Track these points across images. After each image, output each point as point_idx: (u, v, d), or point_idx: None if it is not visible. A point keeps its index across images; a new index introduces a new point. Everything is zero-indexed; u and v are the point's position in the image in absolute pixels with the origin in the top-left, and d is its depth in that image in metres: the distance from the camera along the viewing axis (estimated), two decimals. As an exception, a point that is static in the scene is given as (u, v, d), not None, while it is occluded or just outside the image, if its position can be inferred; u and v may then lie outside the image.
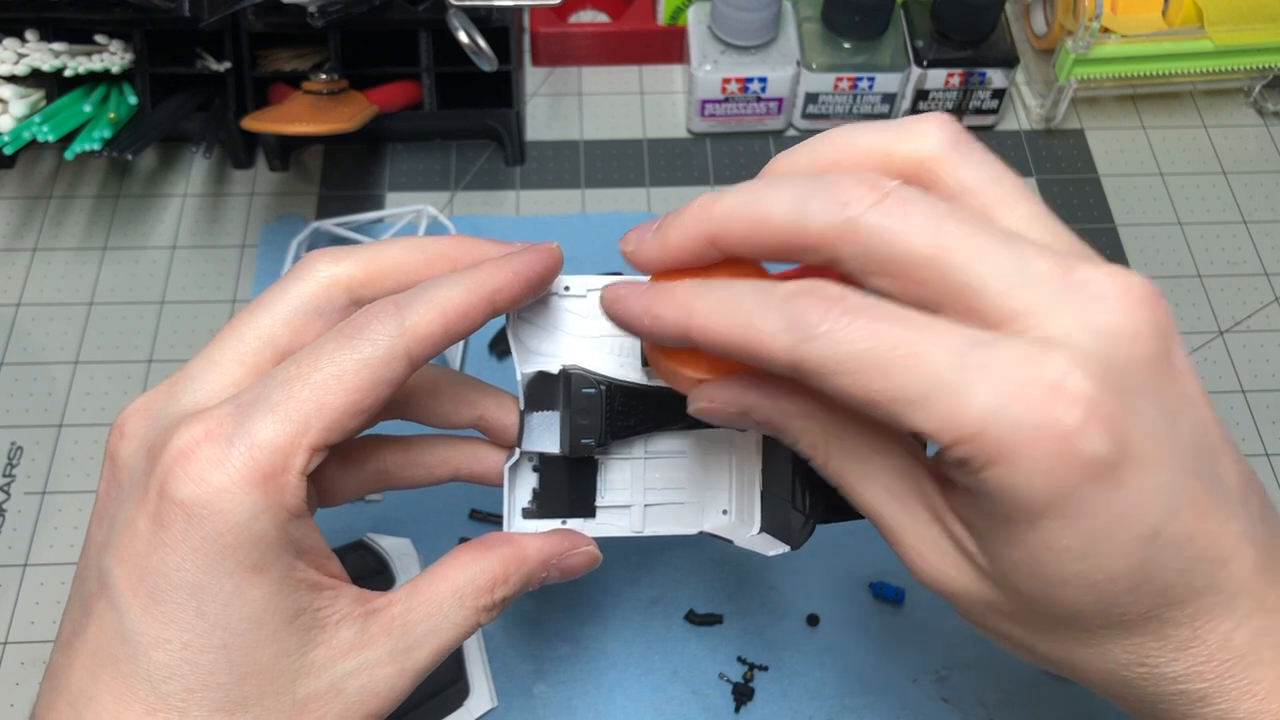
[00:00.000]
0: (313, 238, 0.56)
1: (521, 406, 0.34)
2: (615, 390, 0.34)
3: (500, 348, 0.54)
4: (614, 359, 0.35)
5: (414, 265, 0.32)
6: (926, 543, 0.28)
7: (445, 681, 0.45)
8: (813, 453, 0.29)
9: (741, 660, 0.47)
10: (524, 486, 0.36)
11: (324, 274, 0.31)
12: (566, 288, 0.35)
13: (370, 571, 0.48)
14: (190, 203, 0.60)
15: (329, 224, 0.55)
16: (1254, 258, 0.59)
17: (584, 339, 0.35)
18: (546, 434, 0.35)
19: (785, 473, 0.34)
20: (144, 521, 0.27)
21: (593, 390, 0.34)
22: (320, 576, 0.30)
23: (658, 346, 0.30)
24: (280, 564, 0.28)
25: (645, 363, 0.34)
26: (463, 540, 0.49)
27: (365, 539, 0.49)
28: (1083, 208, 0.61)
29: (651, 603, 0.48)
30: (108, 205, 0.59)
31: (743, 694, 0.46)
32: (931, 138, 0.28)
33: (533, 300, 0.34)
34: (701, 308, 0.27)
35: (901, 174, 0.27)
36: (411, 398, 0.35)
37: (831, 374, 0.25)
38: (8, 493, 0.50)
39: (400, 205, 0.59)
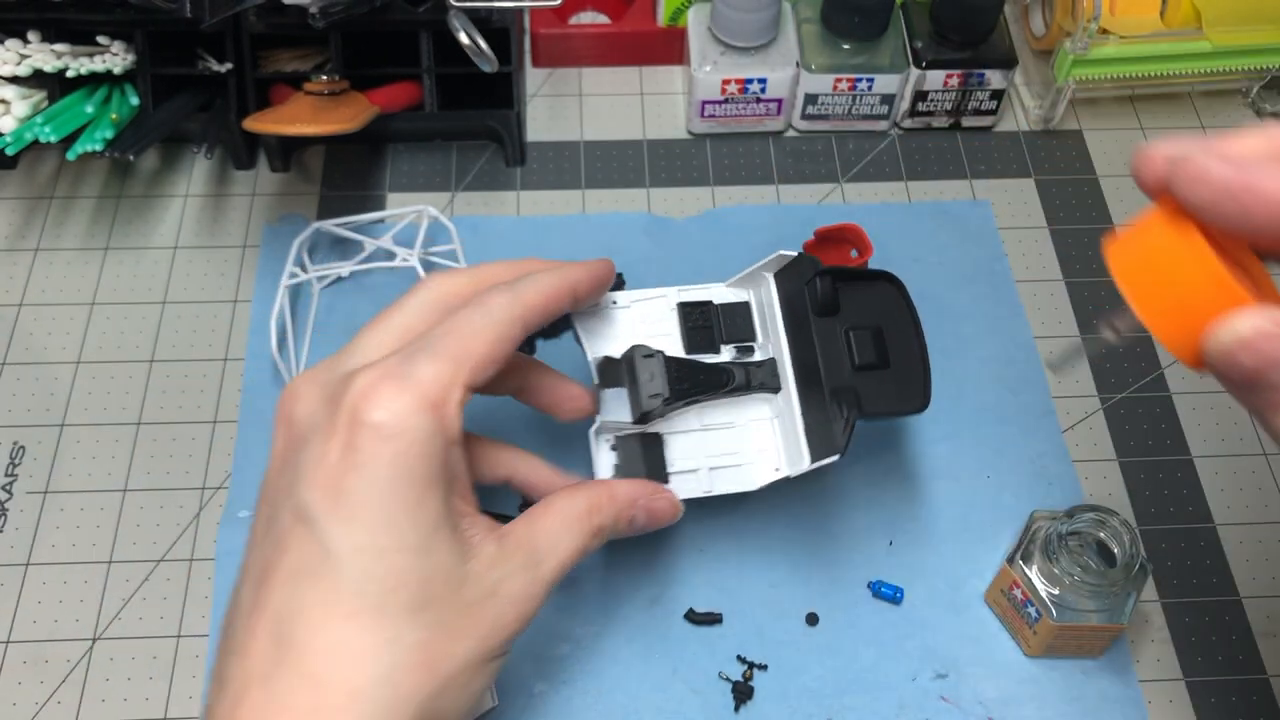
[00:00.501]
0: (314, 238, 0.57)
1: (596, 382, 0.43)
2: (670, 359, 0.43)
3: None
4: (660, 344, 0.43)
5: (510, 273, 0.38)
6: None
7: (446, 680, 0.45)
8: None
9: (741, 659, 0.47)
10: (605, 463, 0.43)
11: (445, 281, 0.38)
12: (614, 301, 0.44)
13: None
14: (192, 203, 0.60)
15: (330, 224, 0.55)
16: (1252, 258, 0.60)
17: (631, 336, 0.44)
18: (618, 405, 0.43)
19: (821, 402, 0.42)
20: (336, 450, 0.33)
21: (653, 355, 0.42)
22: (465, 504, 0.36)
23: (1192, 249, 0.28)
24: (444, 483, 0.34)
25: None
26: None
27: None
28: (1081, 208, 0.61)
29: (651, 602, 0.48)
30: (110, 206, 0.60)
31: (742, 693, 0.46)
32: None
33: (593, 304, 0.43)
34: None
35: None
36: None
37: None
38: (10, 492, 0.51)
39: (401, 206, 0.60)
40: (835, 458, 0.41)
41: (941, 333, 0.56)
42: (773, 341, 0.45)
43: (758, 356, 0.45)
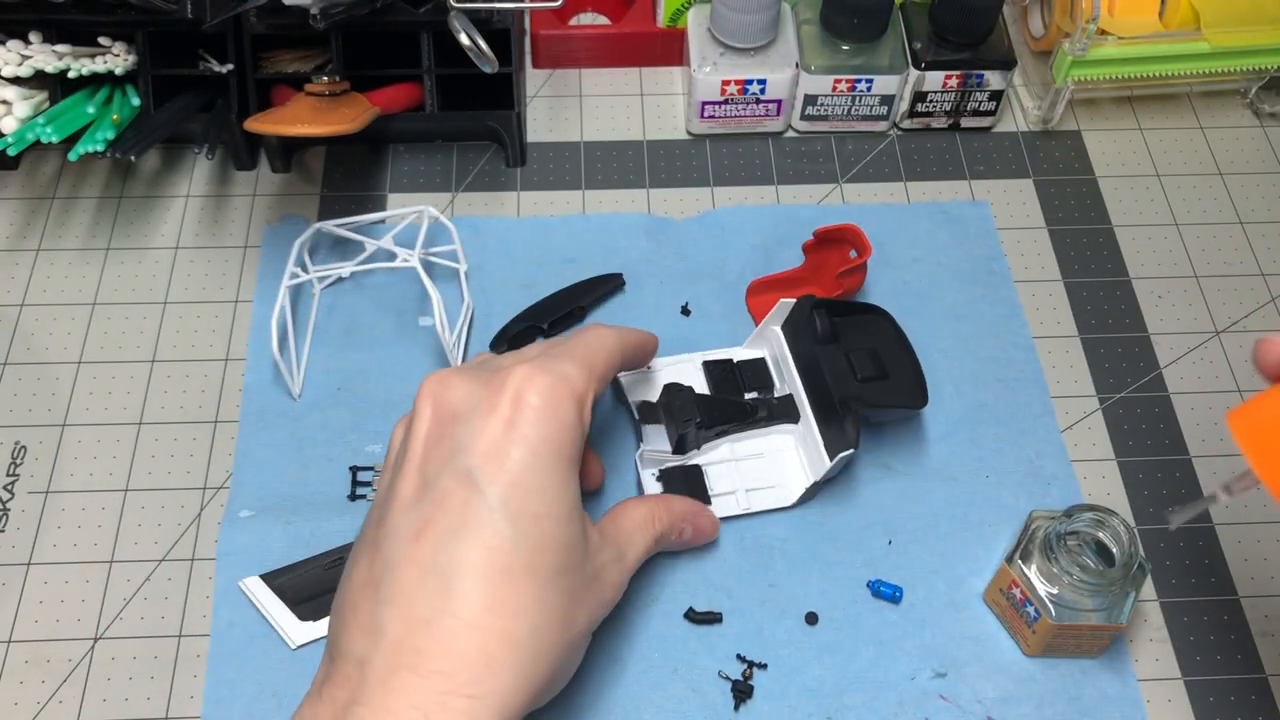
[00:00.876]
0: (315, 238, 0.57)
1: (636, 417, 0.51)
2: (699, 394, 0.50)
3: (500, 348, 0.54)
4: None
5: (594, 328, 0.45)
6: None
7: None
8: None
9: (740, 658, 0.47)
10: (653, 490, 0.49)
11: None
12: (649, 367, 0.52)
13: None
14: (193, 204, 0.60)
15: (331, 225, 0.56)
16: (1250, 258, 0.60)
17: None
18: (658, 437, 0.50)
19: (832, 410, 0.48)
20: (498, 425, 0.38)
21: (684, 389, 0.49)
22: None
23: None
24: (577, 469, 0.40)
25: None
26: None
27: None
28: (1080, 209, 0.61)
29: (651, 601, 0.48)
30: (111, 206, 0.60)
31: (742, 692, 0.46)
32: None
33: (641, 368, 0.51)
34: None
35: None
36: None
37: None
38: (12, 492, 0.51)
39: (402, 206, 0.60)
40: (850, 451, 0.47)
41: (940, 333, 0.56)
42: (788, 381, 0.51)
43: (777, 394, 0.52)
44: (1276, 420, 0.36)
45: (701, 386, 0.52)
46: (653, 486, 0.49)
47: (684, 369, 0.53)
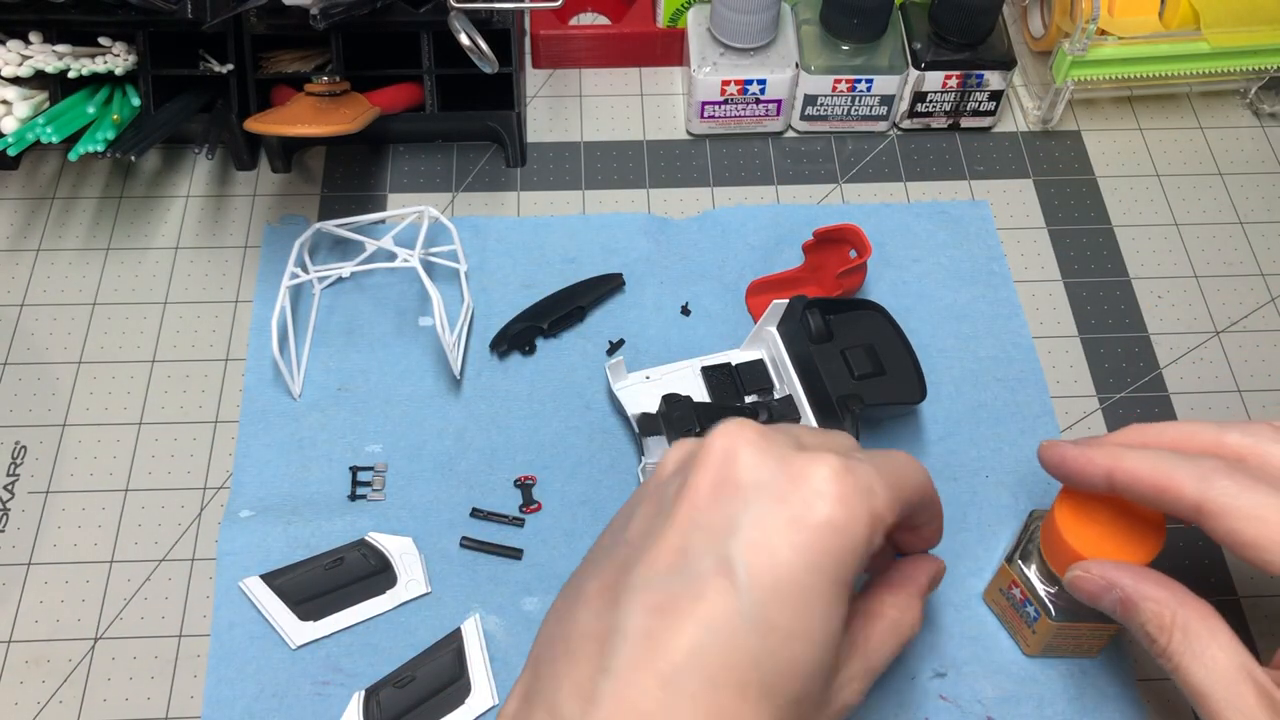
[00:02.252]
0: (315, 239, 0.57)
1: (637, 431, 0.50)
2: (698, 404, 0.49)
3: (501, 348, 0.54)
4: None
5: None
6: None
7: (447, 680, 0.46)
8: (1158, 634, 0.38)
9: (741, 658, 0.47)
10: None
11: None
12: (647, 376, 0.52)
13: (372, 571, 0.48)
14: (193, 204, 0.60)
15: (331, 225, 0.56)
16: (1250, 258, 0.60)
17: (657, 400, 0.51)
18: (660, 450, 0.49)
19: (831, 410, 0.48)
20: (782, 522, 0.33)
21: (681, 400, 0.49)
22: None
23: (1059, 525, 0.42)
24: (848, 594, 0.34)
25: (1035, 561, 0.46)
26: (464, 540, 0.49)
27: (367, 538, 0.49)
28: (1079, 209, 0.61)
29: (651, 601, 0.48)
30: (111, 206, 0.60)
31: (742, 692, 0.46)
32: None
33: (632, 383, 0.52)
34: (1128, 456, 0.39)
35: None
36: None
37: (1228, 517, 0.36)
38: (12, 492, 0.51)
39: (402, 206, 0.60)
40: None
41: (940, 332, 0.56)
42: (787, 382, 0.51)
43: (776, 396, 0.51)
44: (1053, 518, 0.42)
45: (701, 393, 0.52)
46: None
47: (682, 375, 0.52)
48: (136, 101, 0.56)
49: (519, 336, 0.54)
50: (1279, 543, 0.35)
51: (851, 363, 0.49)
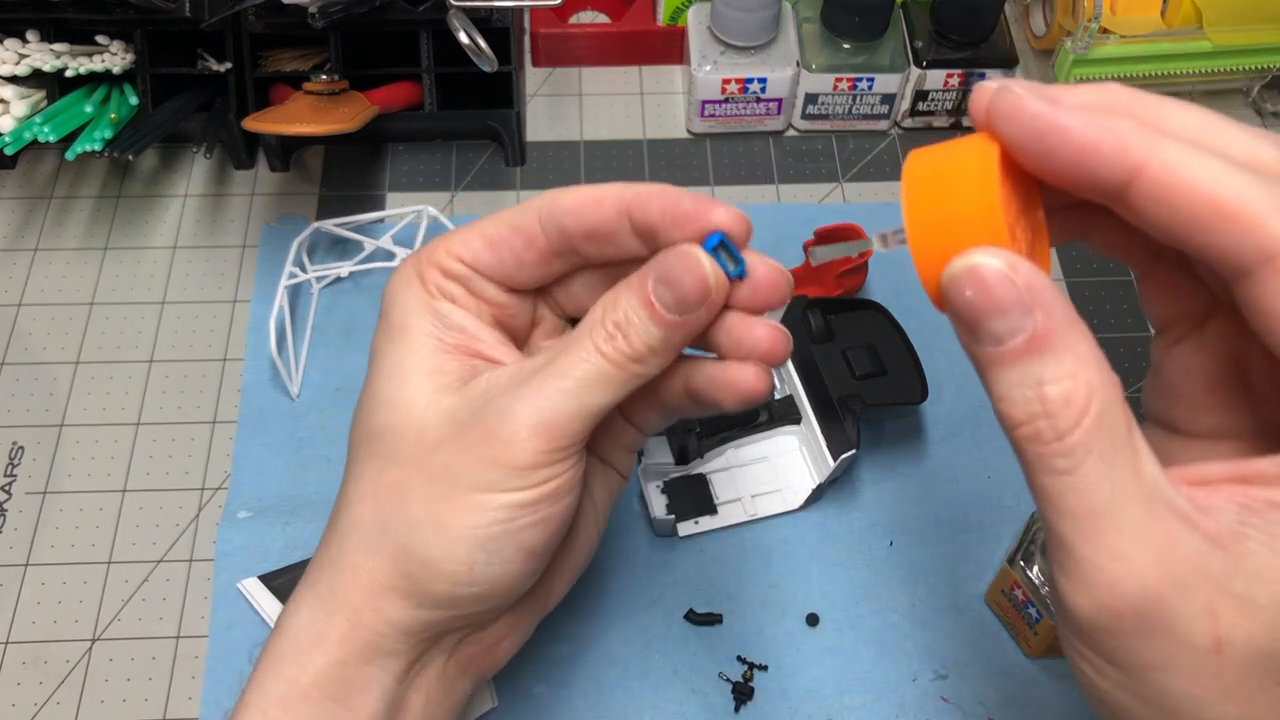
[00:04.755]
0: (313, 238, 0.56)
1: None
2: None
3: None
4: None
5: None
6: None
7: (446, 681, 0.45)
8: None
9: (741, 660, 0.47)
10: (659, 504, 0.49)
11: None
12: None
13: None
14: (191, 203, 0.60)
15: (329, 224, 0.55)
16: (1253, 258, 0.60)
17: None
18: (660, 449, 0.49)
19: (832, 411, 0.48)
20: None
21: None
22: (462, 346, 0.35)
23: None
24: (406, 342, 0.34)
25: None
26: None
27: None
28: (1082, 208, 0.61)
29: (651, 602, 0.48)
30: (109, 205, 0.59)
31: (742, 693, 0.46)
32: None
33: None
34: (1173, 151, 0.26)
35: None
36: None
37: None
38: (9, 492, 0.50)
39: (401, 205, 0.60)
40: (852, 452, 0.47)
41: (941, 333, 0.56)
42: (788, 382, 0.51)
43: (777, 396, 0.51)
44: (949, 166, 0.27)
45: None
46: (658, 500, 0.49)
47: None
48: (134, 100, 0.56)
49: (518, 336, 0.54)
50: None
51: (853, 363, 0.49)
